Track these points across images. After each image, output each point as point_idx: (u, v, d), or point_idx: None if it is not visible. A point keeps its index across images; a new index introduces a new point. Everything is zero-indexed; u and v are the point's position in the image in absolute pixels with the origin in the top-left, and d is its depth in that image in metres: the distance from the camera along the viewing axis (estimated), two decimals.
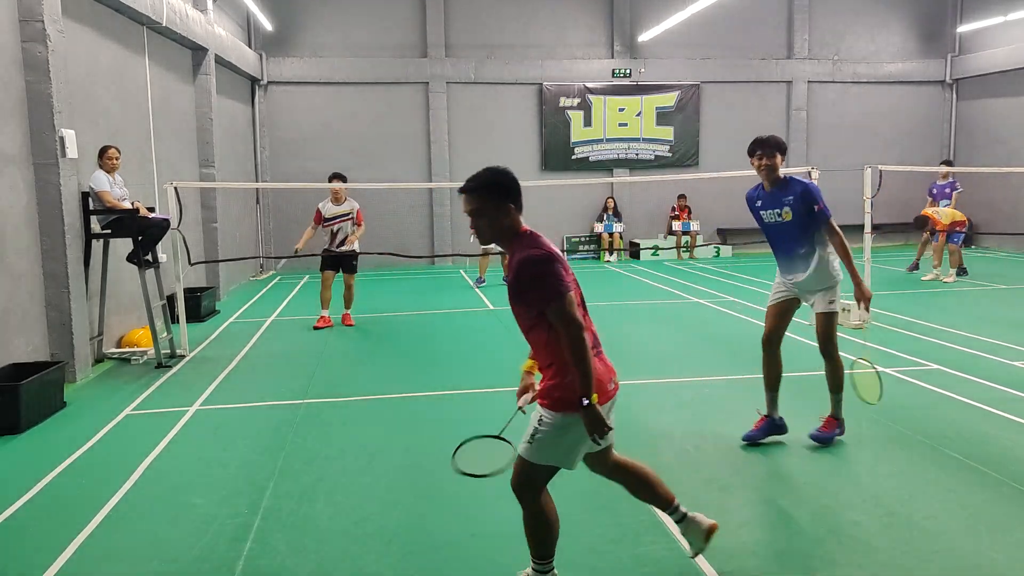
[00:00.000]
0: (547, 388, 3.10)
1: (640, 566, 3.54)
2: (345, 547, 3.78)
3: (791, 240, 4.91)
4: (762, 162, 4.83)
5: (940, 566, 3.46)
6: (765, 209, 4.99)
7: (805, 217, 4.78)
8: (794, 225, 4.84)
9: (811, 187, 4.81)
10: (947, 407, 5.79)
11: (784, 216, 4.88)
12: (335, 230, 9.90)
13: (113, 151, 7.61)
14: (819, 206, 4.77)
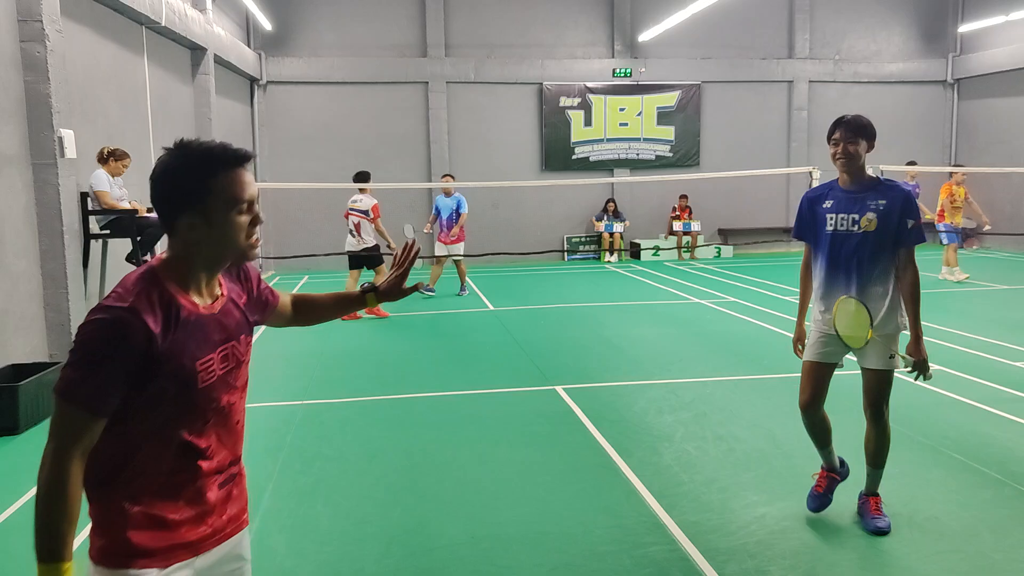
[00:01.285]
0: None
1: (641, 567, 3.52)
2: (345, 548, 3.77)
3: (864, 260, 3.73)
4: (838, 148, 3.70)
5: (941, 566, 3.45)
6: (836, 212, 3.78)
7: (895, 232, 3.67)
8: (877, 239, 3.68)
9: (911, 192, 3.79)
10: (948, 408, 5.77)
11: (865, 225, 3.69)
12: (354, 223, 10.34)
13: (129, 161, 7.68)
14: (916, 222, 3.69)
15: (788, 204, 17.76)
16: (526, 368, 7.30)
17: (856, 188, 3.74)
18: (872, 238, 3.69)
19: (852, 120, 3.72)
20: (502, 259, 15.31)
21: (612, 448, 4.98)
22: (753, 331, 8.76)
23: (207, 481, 1.81)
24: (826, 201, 3.83)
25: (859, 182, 3.74)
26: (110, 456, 1.71)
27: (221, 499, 1.85)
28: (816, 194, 3.90)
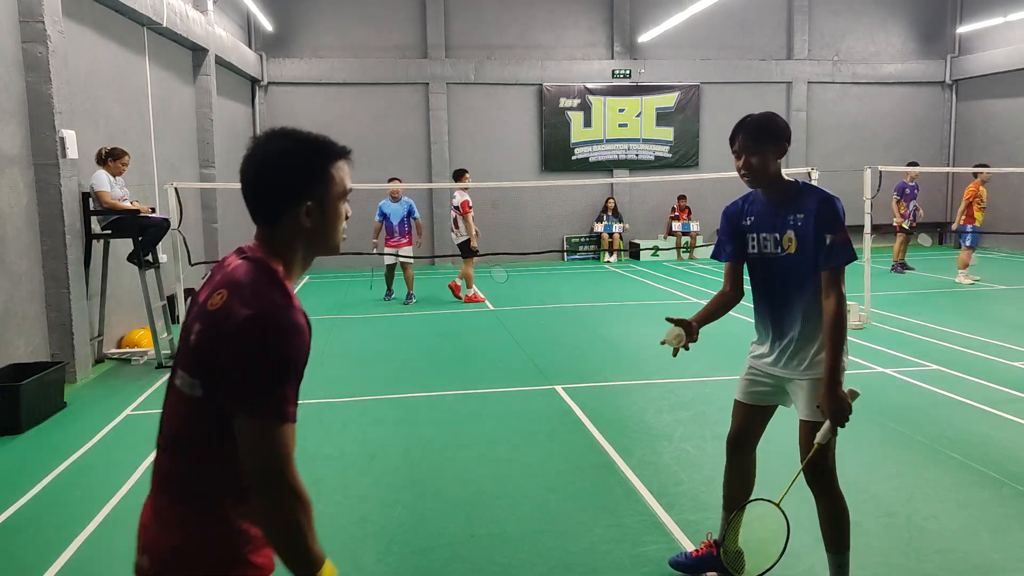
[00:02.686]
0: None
1: (640, 566, 3.54)
2: (345, 547, 3.78)
3: (788, 287, 3.05)
4: (740, 161, 3.02)
5: (940, 566, 3.46)
6: (757, 231, 3.09)
7: (814, 253, 2.97)
8: (801, 262, 2.99)
9: (832, 198, 2.98)
10: (947, 407, 5.79)
11: (787, 245, 3.01)
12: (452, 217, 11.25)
13: (128, 159, 7.66)
14: (837, 237, 2.94)
15: None
16: (526, 368, 7.31)
17: (777, 199, 3.03)
18: (795, 261, 3.00)
19: (752, 123, 3.03)
20: (501, 259, 15.31)
21: (611, 447, 4.99)
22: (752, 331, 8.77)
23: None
24: (747, 217, 3.13)
25: (779, 191, 3.03)
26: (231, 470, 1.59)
27: None
28: (735, 208, 3.20)
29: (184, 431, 1.63)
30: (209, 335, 1.59)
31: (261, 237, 1.71)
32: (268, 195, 1.68)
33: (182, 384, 1.63)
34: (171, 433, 1.66)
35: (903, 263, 13.43)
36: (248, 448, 1.55)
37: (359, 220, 15.59)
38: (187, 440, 1.63)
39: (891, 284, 12.07)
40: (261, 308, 1.55)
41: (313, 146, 1.69)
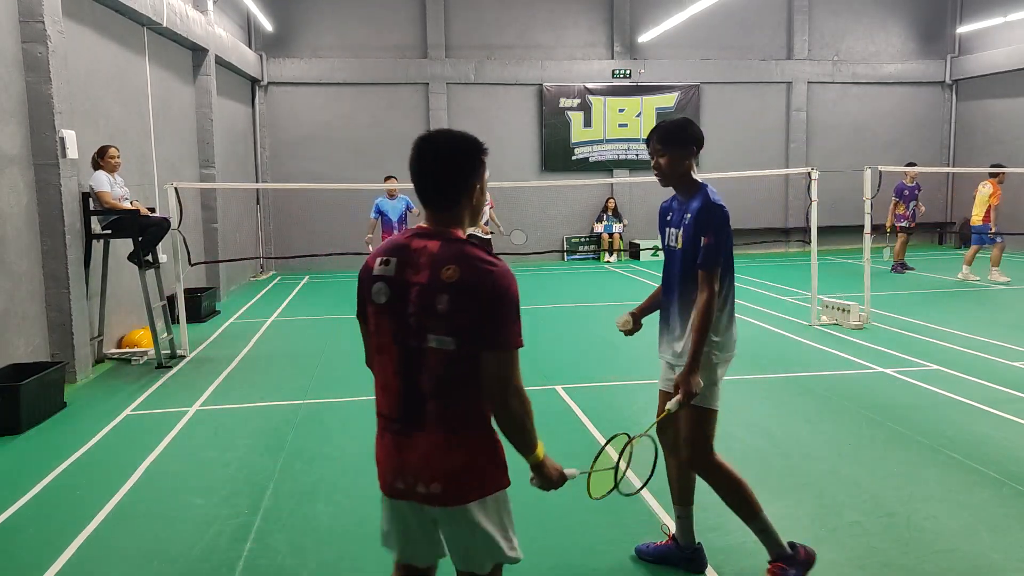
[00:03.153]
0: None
1: (640, 566, 3.54)
2: (345, 548, 3.78)
3: (675, 280, 3.34)
4: (652, 161, 3.32)
5: (940, 566, 3.46)
6: (670, 226, 3.42)
7: (694, 251, 3.20)
8: (686, 258, 3.25)
9: (715, 204, 3.17)
10: (947, 407, 5.79)
11: (678, 241, 3.31)
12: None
13: (114, 150, 7.59)
14: (708, 239, 3.13)
15: (787, 205, 17.78)
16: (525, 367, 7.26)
17: (683, 198, 3.33)
18: (680, 256, 3.30)
19: (662, 128, 3.28)
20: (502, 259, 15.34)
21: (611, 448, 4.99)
22: (752, 331, 8.78)
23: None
24: (668, 213, 3.46)
25: (685, 192, 3.32)
26: (477, 395, 2.10)
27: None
28: (666, 205, 3.52)
29: (444, 378, 2.07)
30: (463, 299, 2.01)
31: (439, 218, 2.15)
32: (453, 183, 2.12)
33: (438, 344, 2.04)
34: (432, 383, 2.08)
35: (903, 263, 13.42)
36: (497, 373, 2.05)
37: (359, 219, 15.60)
38: (449, 384, 2.07)
39: (891, 284, 12.07)
40: (497, 268, 2.06)
41: (474, 141, 2.15)
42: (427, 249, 2.09)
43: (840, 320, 8.82)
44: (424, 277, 2.06)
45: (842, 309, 8.83)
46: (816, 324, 8.89)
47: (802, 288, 11.19)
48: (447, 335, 2.03)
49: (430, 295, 2.04)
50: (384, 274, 2.12)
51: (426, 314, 2.04)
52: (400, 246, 2.14)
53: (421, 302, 2.05)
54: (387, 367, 2.16)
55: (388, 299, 2.10)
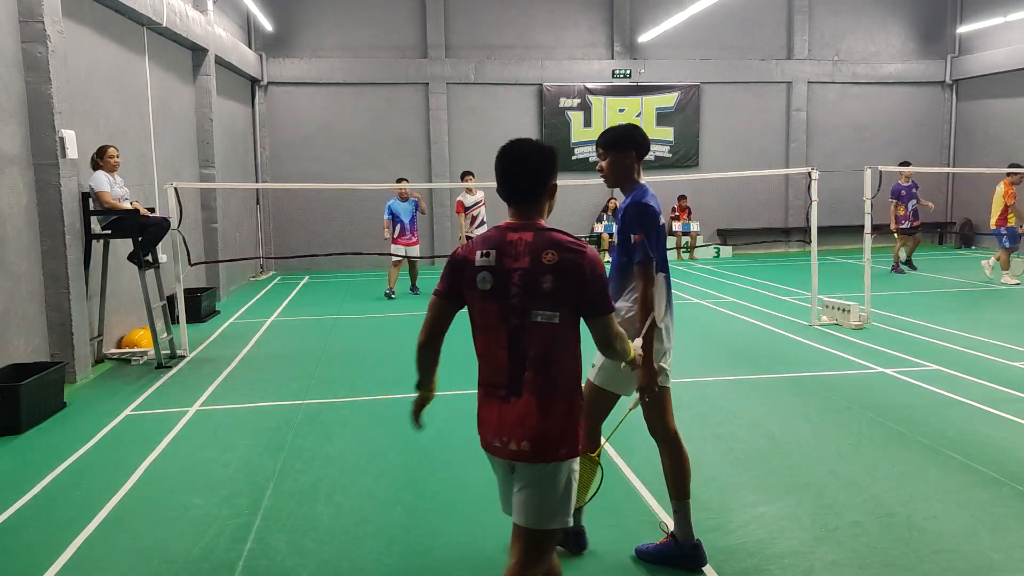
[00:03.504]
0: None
1: (640, 566, 3.54)
2: (345, 548, 3.78)
3: (615, 275, 3.52)
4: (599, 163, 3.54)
5: (940, 566, 3.46)
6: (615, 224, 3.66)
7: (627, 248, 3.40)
8: (616, 254, 3.53)
9: (640, 203, 3.36)
10: (947, 407, 5.79)
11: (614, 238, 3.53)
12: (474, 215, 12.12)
13: (113, 150, 7.59)
14: (638, 236, 3.31)
15: (787, 205, 17.78)
16: None
17: (626, 198, 3.50)
18: (614, 250, 3.55)
19: (606, 132, 3.50)
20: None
21: (612, 448, 4.99)
22: (752, 331, 8.78)
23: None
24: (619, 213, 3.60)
25: (627, 192, 3.49)
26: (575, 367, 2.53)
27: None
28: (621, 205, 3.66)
29: (548, 349, 2.44)
30: (565, 278, 2.41)
31: (524, 212, 2.56)
32: (542, 181, 2.59)
33: (543, 319, 2.43)
34: (537, 354, 2.45)
35: (908, 262, 13.30)
36: (604, 334, 2.53)
37: (359, 219, 15.62)
38: (551, 355, 2.45)
39: (891, 284, 12.07)
40: (587, 249, 2.47)
41: (550, 148, 2.68)
42: (523, 239, 2.47)
43: (840, 320, 8.82)
44: (526, 263, 2.44)
45: (842, 309, 8.83)
46: (816, 324, 8.89)
47: (802, 288, 11.19)
48: (552, 309, 2.43)
49: (533, 277, 2.42)
50: (486, 264, 2.49)
51: (530, 294, 2.43)
52: (497, 240, 2.51)
53: (524, 284, 2.43)
54: (494, 343, 2.54)
55: (492, 286, 2.48)
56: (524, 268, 2.43)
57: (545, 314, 2.43)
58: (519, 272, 2.44)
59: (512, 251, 2.47)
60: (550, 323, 2.43)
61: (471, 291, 2.56)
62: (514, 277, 2.45)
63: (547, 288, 2.41)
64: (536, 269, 2.42)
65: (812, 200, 8.97)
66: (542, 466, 2.42)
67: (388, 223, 11.94)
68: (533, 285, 2.42)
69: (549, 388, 2.45)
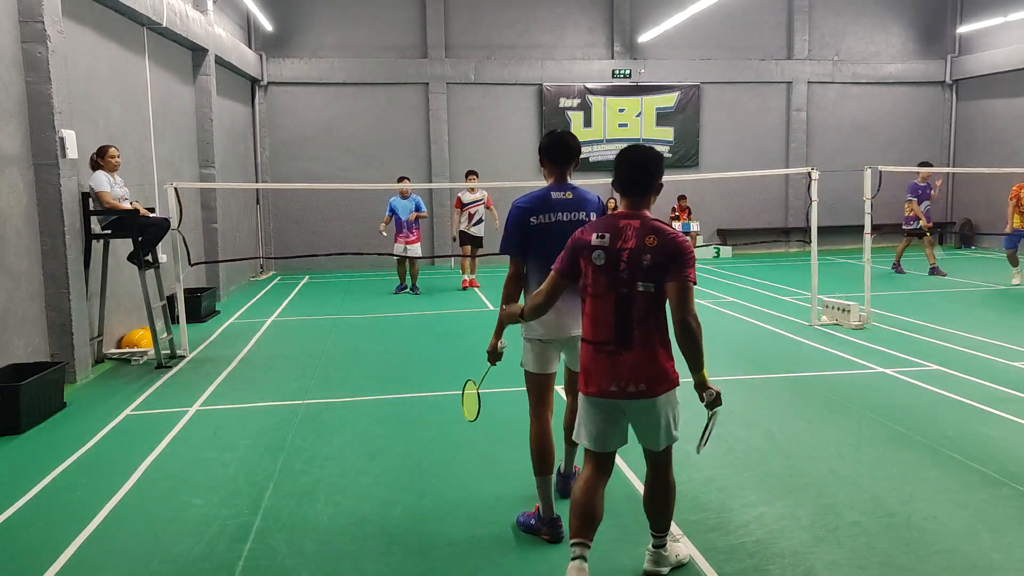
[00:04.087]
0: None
1: (640, 566, 3.54)
2: (345, 547, 3.78)
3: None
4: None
5: (940, 566, 3.46)
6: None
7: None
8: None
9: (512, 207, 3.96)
10: (947, 407, 5.79)
11: None
12: (472, 212, 12.52)
13: (113, 150, 7.59)
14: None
15: (787, 205, 17.78)
16: None
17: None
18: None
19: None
20: (502, 259, 15.32)
21: None
22: (752, 331, 8.78)
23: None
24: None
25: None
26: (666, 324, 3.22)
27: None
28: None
29: (646, 312, 3.14)
30: (662, 256, 3.09)
31: (635, 204, 3.26)
32: (655, 180, 3.26)
33: (643, 288, 3.12)
34: (640, 315, 3.14)
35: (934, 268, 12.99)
36: (684, 301, 3.07)
37: (359, 219, 15.62)
38: (649, 316, 3.15)
39: (891, 284, 12.08)
40: (677, 235, 3.18)
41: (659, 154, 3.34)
42: (631, 225, 3.18)
43: (840, 320, 8.82)
44: (632, 244, 3.14)
45: (842, 309, 8.83)
46: (816, 324, 8.89)
47: (802, 288, 11.19)
48: (648, 281, 3.11)
49: (638, 255, 3.11)
50: (601, 244, 3.18)
51: (636, 268, 3.11)
52: (612, 224, 3.21)
53: (631, 261, 3.12)
54: (603, 308, 3.17)
55: (605, 261, 3.16)
56: (631, 248, 3.13)
57: (645, 284, 3.11)
58: (627, 251, 3.14)
59: (623, 235, 3.17)
60: (649, 292, 3.11)
61: (586, 264, 3.21)
62: (623, 256, 3.14)
63: (647, 264, 3.10)
64: (640, 249, 3.12)
65: (812, 200, 8.97)
66: (655, 400, 3.15)
67: (387, 219, 12.15)
68: (638, 261, 3.11)
69: (651, 342, 3.14)
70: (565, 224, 3.78)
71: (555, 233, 3.75)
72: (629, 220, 3.19)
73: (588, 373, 3.23)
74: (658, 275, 3.10)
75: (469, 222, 12.58)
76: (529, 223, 3.84)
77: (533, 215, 3.85)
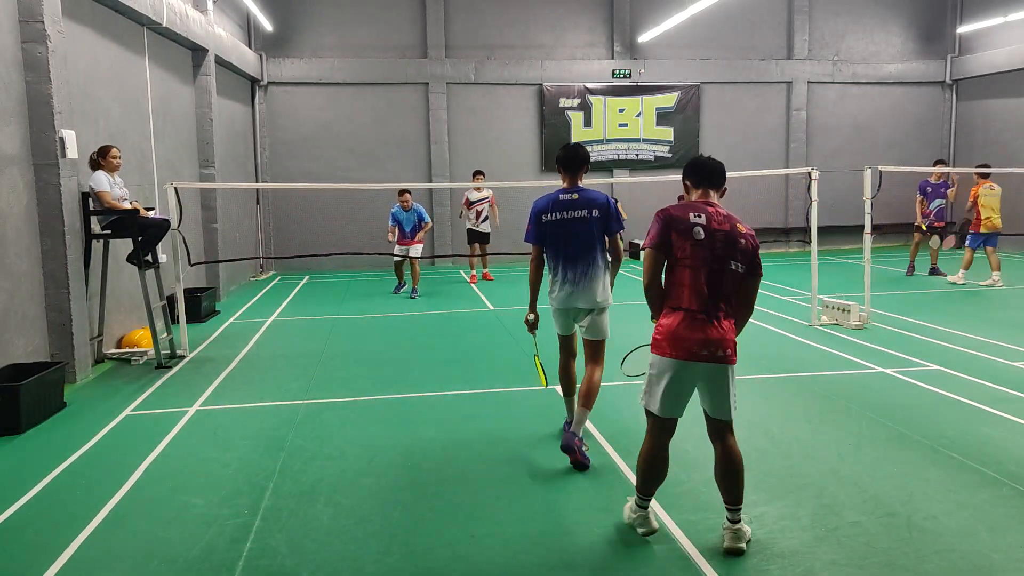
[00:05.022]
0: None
1: (640, 566, 3.54)
2: (345, 547, 3.78)
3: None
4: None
5: (940, 566, 3.46)
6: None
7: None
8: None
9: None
10: (947, 407, 5.79)
11: None
12: (479, 210, 13.33)
13: (116, 151, 7.59)
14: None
15: (787, 204, 17.79)
16: (526, 368, 7.31)
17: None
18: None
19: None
20: (502, 259, 15.34)
21: (611, 448, 5.00)
22: (752, 331, 8.78)
23: None
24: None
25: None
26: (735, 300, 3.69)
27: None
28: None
29: (733, 289, 3.58)
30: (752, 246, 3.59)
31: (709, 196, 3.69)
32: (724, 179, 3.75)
33: (735, 267, 3.54)
34: (728, 291, 3.56)
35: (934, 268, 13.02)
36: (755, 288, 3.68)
37: (359, 219, 15.62)
38: (734, 292, 3.58)
39: (891, 284, 12.08)
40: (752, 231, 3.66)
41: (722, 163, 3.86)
42: (719, 212, 3.60)
43: (840, 320, 8.82)
44: (727, 227, 3.56)
45: (842, 309, 8.83)
46: (816, 324, 8.89)
47: (802, 288, 11.19)
48: (740, 263, 3.55)
49: (733, 237, 3.54)
50: (698, 222, 3.54)
51: (730, 249, 3.53)
52: (703, 209, 3.59)
53: (727, 241, 3.53)
54: (698, 279, 3.51)
55: (704, 237, 3.52)
56: (726, 231, 3.54)
57: (736, 265, 3.53)
58: (722, 233, 3.53)
59: (716, 218, 3.56)
60: (738, 272, 3.54)
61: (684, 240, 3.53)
62: (718, 235, 3.53)
63: (742, 246, 3.54)
64: (735, 233, 3.55)
65: (812, 200, 8.97)
66: (731, 367, 3.56)
67: (392, 229, 12.20)
68: (733, 243, 3.53)
69: (732, 314, 3.60)
70: (568, 221, 4.74)
71: (560, 227, 4.75)
72: (716, 208, 3.61)
73: (676, 338, 3.50)
74: (747, 259, 3.55)
75: (476, 219, 13.31)
76: (542, 219, 4.79)
77: (545, 213, 4.79)
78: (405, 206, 12.00)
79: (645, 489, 3.81)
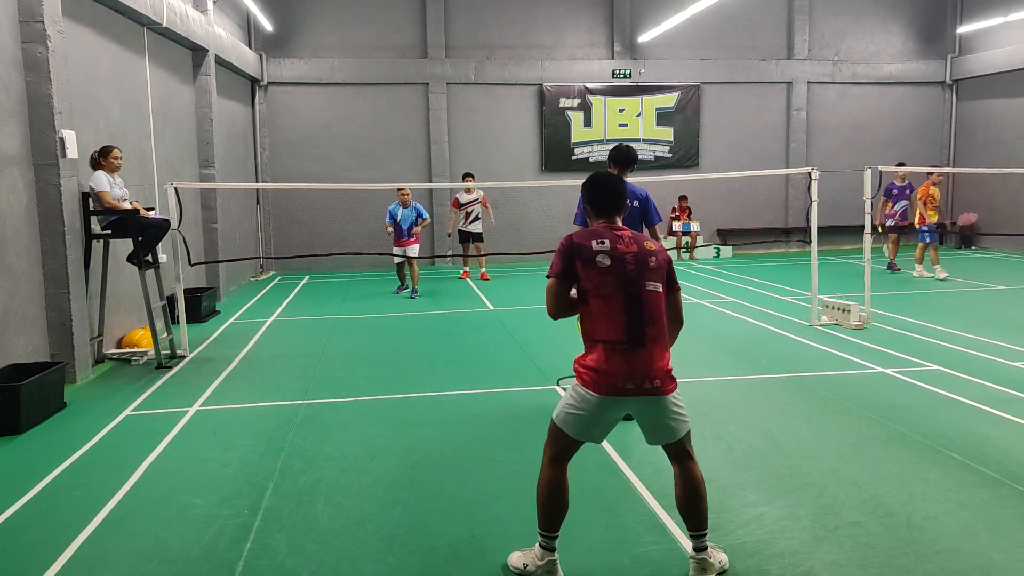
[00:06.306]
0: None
1: (640, 567, 3.54)
2: (345, 547, 3.78)
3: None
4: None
5: (940, 566, 3.46)
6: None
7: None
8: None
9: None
10: (947, 407, 5.79)
11: None
12: (469, 211, 13.72)
13: (117, 151, 7.60)
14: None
15: (787, 205, 17.78)
16: (526, 368, 7.32)
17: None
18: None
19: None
20: (502, 259, 15.33)
21: (611, 447, 4.99)
22: (752, 331, 8.78)
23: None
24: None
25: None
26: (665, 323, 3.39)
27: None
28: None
29: (658, 312, 3.29)
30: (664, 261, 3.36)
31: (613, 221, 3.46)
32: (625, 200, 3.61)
33: (652, 288, 3.28)
34: (652, 315, 3.25)
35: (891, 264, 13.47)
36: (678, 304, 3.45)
37: (359, 219, 15.63)
38: (659, 314, 3.29)
39: (891, 284, 12.07)
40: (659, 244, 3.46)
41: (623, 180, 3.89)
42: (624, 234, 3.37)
43: (840, 320, 8.82)
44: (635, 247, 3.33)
45: (842, 309, 8.83)
46: (816, 324, 8.89)
47: (802, 288, 11.19)
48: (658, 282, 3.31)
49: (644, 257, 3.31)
50: (602, 249, 3.30)
51: (641, 269, 3.29)
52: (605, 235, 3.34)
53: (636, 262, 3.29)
54: (613, 308, 3.24)
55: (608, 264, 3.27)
56: (634, 251, 3.31)
57: (654, 285, 3.29)
58: (631, 254, 3.30)
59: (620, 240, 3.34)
60: (658, 292, 3.30)
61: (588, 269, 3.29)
62: (627, 257, 3.29)
63: (653, 265, 3.31)
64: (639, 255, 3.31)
65: (812, 200, 8.97)
66: (666, 397, 3.23)
67: (389, 226, 12.16)
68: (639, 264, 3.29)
69: (660, 341, 3.27)
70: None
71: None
72: (618, 231, 3.38)
73: (598, 372, 3.19)
74: (663, 277, 3.34)
75: (467, 220, 13.70)
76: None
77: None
78: (405, 201, 11.98)
79: (549, 525, 3.37)
